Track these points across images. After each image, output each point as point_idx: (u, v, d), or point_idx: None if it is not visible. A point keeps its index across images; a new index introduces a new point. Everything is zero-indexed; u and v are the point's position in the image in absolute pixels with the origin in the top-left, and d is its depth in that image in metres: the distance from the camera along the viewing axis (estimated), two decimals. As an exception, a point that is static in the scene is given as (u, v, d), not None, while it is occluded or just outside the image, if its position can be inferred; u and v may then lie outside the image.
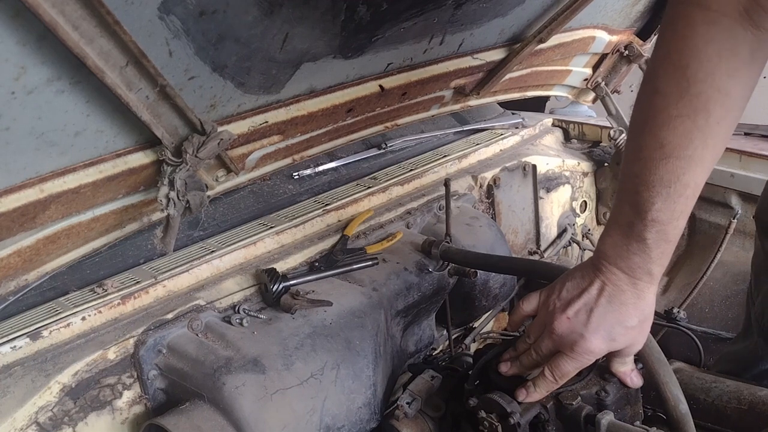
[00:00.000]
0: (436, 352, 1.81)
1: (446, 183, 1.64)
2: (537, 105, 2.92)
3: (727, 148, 2.08)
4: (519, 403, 1.20)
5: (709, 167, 1.03)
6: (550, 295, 1.15)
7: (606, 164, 2.34)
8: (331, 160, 1.92)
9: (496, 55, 2.00)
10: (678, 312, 2.02)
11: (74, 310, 1.35)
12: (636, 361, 1.28)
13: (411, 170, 1.95)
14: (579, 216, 2.34)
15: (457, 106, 2.14)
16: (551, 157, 2.24)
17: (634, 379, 1.21)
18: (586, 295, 1.10)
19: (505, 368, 1.23)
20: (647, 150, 1.01)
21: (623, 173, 1.08)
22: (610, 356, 1.19)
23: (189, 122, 1.36)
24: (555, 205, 2.23)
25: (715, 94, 0.98)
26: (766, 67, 1.03)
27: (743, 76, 0.99)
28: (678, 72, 0.98)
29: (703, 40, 0.96)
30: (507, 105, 2.46)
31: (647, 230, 1.04)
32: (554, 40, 2.00)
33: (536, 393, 1.18)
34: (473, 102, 2.16)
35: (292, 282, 1.47)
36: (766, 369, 1.56)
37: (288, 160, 1.77)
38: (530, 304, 1.20)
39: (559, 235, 2.26)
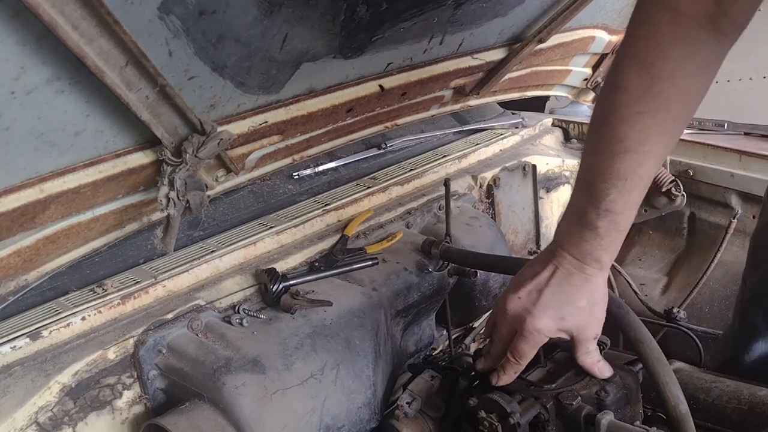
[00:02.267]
0: (436, 352, 1.81)
1: (446, 183, 1.64)
2: (537, 105, 2.91)
3: (727, 148, 2.12)
4: (519, 404, 1.20)
5: (662, 160, 1.10)
6: (510, 283, 1.22)
7: (606, 164, 2.33)
8: (331, 160, 1.92)
9: (496, 55, 2.00)
10: (678, 312, 2.02)
11: (74, 310, 1.35)
12: (636, 361, 1.28)
13: (411, 170, 1.95)
14: (579, 216, 2.34)
15: (457, 106, 2.14)
16: (551, 156, 2.24)
17: (602, 369, 1.23)
18: (538, 278, 1.16)
19: (480, 365, 1.27)
20: (606, 143, 1.06)
21: (582, 163, 1.12)
22: (573, 348, 1.22)
23: (189, 122, 1.36)
24: (555, 205, 2.23)
25: (676, 93, 1.02)
26: (767, 68, 1.04)
27: (702, 77, 1.05)
28: (642, 70, 1.01)
29: (669, 41, 1.00)
30: (507, 105, 2.46)
31: (600, 219, 1.09)
32: (554, 39, 2.00)
33: (505, 376, 1.22)
34: (473, 102, 2.16)
35: (292, 282, 1.47)
36: (747, 362, 1.56)
37: (288, 160, 1.77)
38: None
39: (559, 235, 2.26)
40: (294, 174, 1.85)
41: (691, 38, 1.00)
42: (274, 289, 1.45)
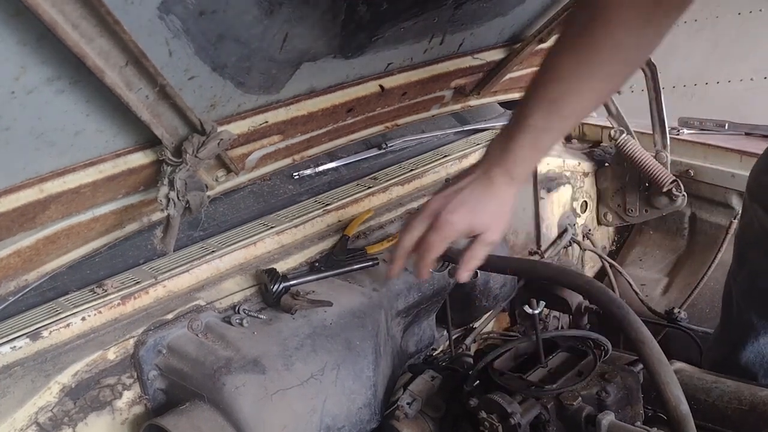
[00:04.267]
0: (437, 352, 1.81)
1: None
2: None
3: (727, 149, 2.12)
4: (519, 404, 1.20)
5: (590, 104, 1.24)
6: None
7: (607, 164, 2.33)
8: (332, 160, 1.92)
9: (497, 55, 1.99)
10: (679, 312, 2.02)
11: (74, 311, 1.35)
12: (636, 361, 1.28)
13: (411, 170, 1.94)
14: (579, 216, 2.34)
15: (457, 106, 2.14)
16: (552, 157, 2.24)
17: (463, 274, 1.35)
18: (460, 182, 1.29)
19: (390, 272, 1.38)
20: (542, 69, 1.20)
21: (526, 89, 1.23)
22: (467, 246, 1.34)
23: (189, 122, 1.36)
24: (555, 206, 2.23)
25: (608, 39, 1.12)
26: (767, 68, 1.06)
27: (637, 36, 1.13)
28: (586, 10, 1.13)
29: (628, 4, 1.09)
30: (507, 105, 2.46)
31: (522, 133, 1.21)
32: (555, 39, 2.00)
33: (421, 269, 1.33)
34: (473, 102, 2.16)
35: (292, 282, 1.47)
36: (761, 349, 1.56)
37: (288, 160, 1.77)
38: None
39: (560, 236, 2.25)
40: (294, 174, 1.85)
41: (634, 4, 1.09)
42: (274, 289, 1.45)
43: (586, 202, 2.36)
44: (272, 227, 1.64)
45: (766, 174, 1.55)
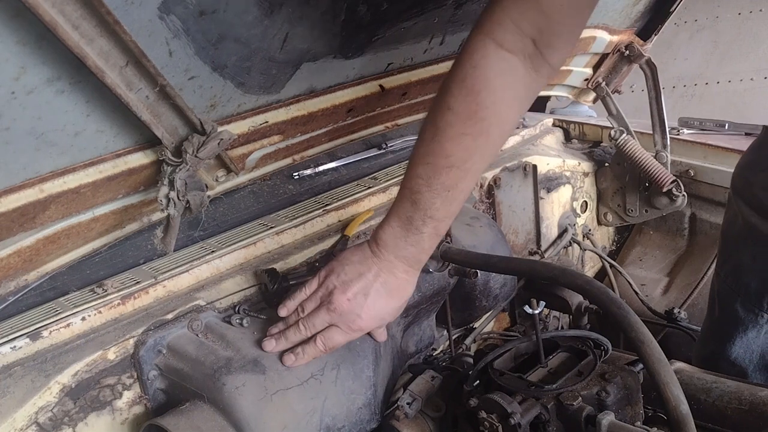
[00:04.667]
0: (437, 352, 1.81)
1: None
2: (538, 105, 2.91)
3: (727, 149, 2.12)
4: (519, 404, 1.20)
5: (478, 177, 1.28)
6: (329, 275, 1.28)
7: (607, 164, 2.34)
8: (332, 160, 1.92)
9: (497, 55, 1.99)
10: (679, 312, 2.02)
11: (74, 311, 1.35)
12: (636, 361, 1.28)
13: (411, 170, 1.94)
14: (579, 216, 2.34)
15: (457, 106, 2.14)
16: (552, 157, 2.24)
17: (382, 335, 1.38)
18: (363, 279, 1.25)
19: (270, 346, 1.28)
20: (434, 157, 1.18)
21: (408, 173, 1.22)
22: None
23: (189, 122, 1.36)
24: (555, 205, 2.23)
25: (496, 120, 1.16)
26: (767, 68, 1.06)
27: (518, 108, 1.20)
28: (470, 96, 1.14)
29: (494, 73, 1.13)
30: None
31: (425, 225, 1.21)
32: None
33: (304, 359, 1.27)
34: (473, 102, 2.15)
35: (292, 282, 1.47)
36: (749, 344, 1.56)
37: (288, 160, 1.77)
38: (311, 286, 1.31)
39: (560, 236, 2.26)
40: (294, 174, 1.85)
41: (513, 73, 1.14)
42: (274, 289, 1.45)
43: (586, 202, 2.36)
44: (272, 227, 1.64)
45: (749, 169, 1.55)
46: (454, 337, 1.83)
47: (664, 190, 2.12)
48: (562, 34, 1.15)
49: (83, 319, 1.34)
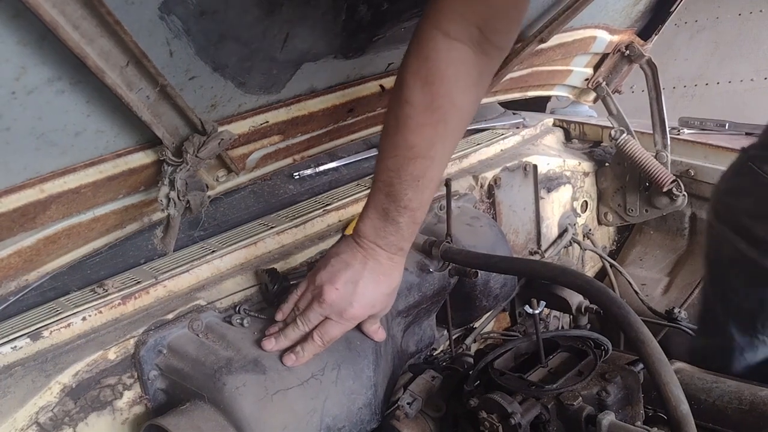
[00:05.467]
0: (437, 352, 1.81)
1: (447, 183, 1.64)
2: (538, 105, 2.91)
3: (727, 148, 2.12)
4: (520, 404, 1.20)
5: (446, 163, 1.29)
6: (316, 273, 1.30)
7: (607, 164, 2.34)
8: (332, 160, 1.92)
9: (497, 54, 1.99)
10: (679, 312, 2.02)
11: (75, 311, 1.35)
12: (637, 361, 1.28)
13: (412, 170, 1.94)
14: (580, 216, 2.34)
15: (457, 106, 2.14)
16: (552, 157, 2.24)
17: (380, 334, 1.38)
18: (350, 269, 1.27)
19: (270, 345, 1.29)
20: (400, 150, 1.20)
21: (379, 167, 1.24)
22: (363, 321, 1.35)
23: (189, 122, 1.36)
24: (556, 205, 2.23)
25: (452, 108, 1.19)
26: (767, 68, 1.06)
27: (473, 93, 1.22)
28: (425, 88, 1.16)
29: (445, 63, 1.15)
30: (508, 105, 2.46)
31: (401, 215, 1.24)
32: (555, 39, 2.00)
33: (304, 357, 1.28)
34: (474, 102, 2.15)
35: (293, 282, 1.47)
36: (749, 364, 1.57)
37: (288, 160, 1.77)
38: (302, 286, 1.33)
39: (560, 235, 2.26)
40: (295, 174, 1.85)
41: (463, 60, 1.16)
42: (275, 289, 1.45)
43: (586, 201, 2.36)
44: (272, 227, 1.64)
45: (729, 195, 1.57)
46: (454, 337, 1.83)
47: (665, 189, 2.12)
48: (506, 17, 1.19)
49: (84, 319, 1.34)
